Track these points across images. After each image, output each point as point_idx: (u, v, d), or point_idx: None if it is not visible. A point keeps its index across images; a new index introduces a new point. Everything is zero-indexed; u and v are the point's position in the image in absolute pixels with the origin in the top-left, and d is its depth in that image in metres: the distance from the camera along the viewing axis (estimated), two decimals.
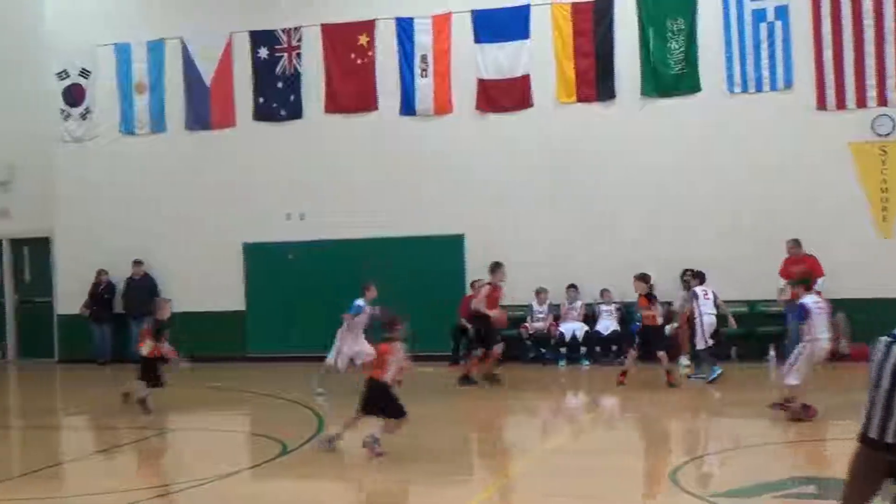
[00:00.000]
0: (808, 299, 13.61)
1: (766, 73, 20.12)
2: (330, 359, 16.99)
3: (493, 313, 17.88)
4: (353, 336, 17.06)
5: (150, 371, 15.48)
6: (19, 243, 25.01)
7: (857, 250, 19.31)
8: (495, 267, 18.11)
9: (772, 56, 20.09)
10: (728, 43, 20.27)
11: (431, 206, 21.65)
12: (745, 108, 20.16)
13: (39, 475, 11.77)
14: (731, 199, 20.12)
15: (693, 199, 20.33)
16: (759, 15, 20.13)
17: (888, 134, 19.45)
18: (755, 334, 19.68)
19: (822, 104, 19.81)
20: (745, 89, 20.24)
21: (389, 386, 11.75)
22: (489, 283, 18.14)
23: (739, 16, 20.22)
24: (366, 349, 16.44)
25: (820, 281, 18.04)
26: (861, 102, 19.59)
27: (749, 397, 15.72)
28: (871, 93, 19.54)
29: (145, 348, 15.62)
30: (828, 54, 19.71)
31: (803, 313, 13.40)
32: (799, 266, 18.43)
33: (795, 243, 19.08)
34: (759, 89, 20.18)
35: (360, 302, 17.18)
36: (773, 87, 20.12)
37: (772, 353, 19.37)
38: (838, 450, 12.38)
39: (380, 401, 11.68)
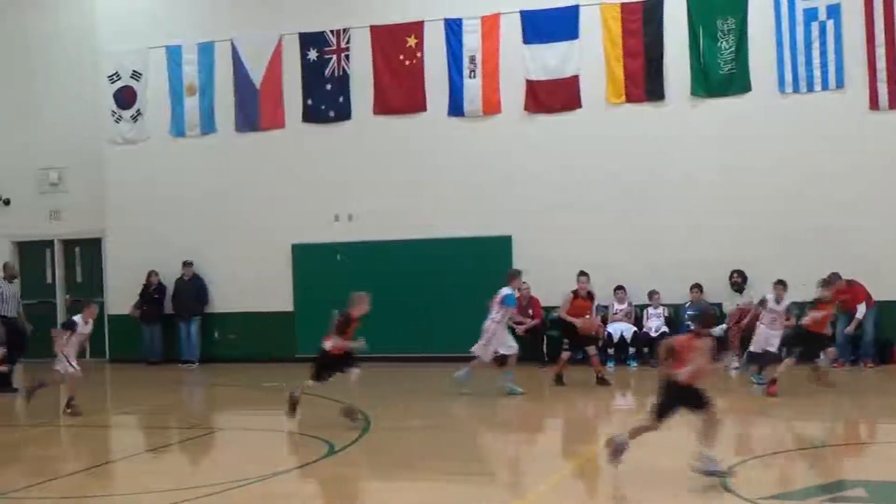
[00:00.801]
0: None
1: (817, 72, 19.93)
2: (476, 349, 16.72)
3: (579, 321, 17.60)
4: (502, 327, 16.79)
5: (325, 367, 14.53)
6: (71, 244, 25.34)
7: None
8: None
9: (823, 55, 19.89)
10: (779, 42, 20.10)
11: (479, 206, 21.64)
12: (796, 109, 19.99)
13: (91, 473, 11.90)
14: (781, 201, 19.95)
15: (743, 200, 20.18)
16: (811, 14, 19.93)
17: None
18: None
19: (874, 104, 19.58)
20: (796, 89, 20.06)
21: (688, 385, 10.18)
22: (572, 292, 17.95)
23: (791, 15, 20.04)
24: (510, 341, 16.68)
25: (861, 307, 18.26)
26: None
27: (800, 400, 15.57)
28: None
29: (330, 343, 14.59)
30: (880, 53, 19.50)
31: None
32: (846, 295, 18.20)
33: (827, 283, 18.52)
34: (810, 89, 20.00)
35: (507, 290, 16.81)
36: (825, 87, 19.92)
37: (822, 355, 19.13)
38: (889, 453, 12.27)
39: (681, 400, 10.29)
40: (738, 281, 19.87)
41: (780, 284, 16.88)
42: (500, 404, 16.70)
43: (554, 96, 21.48)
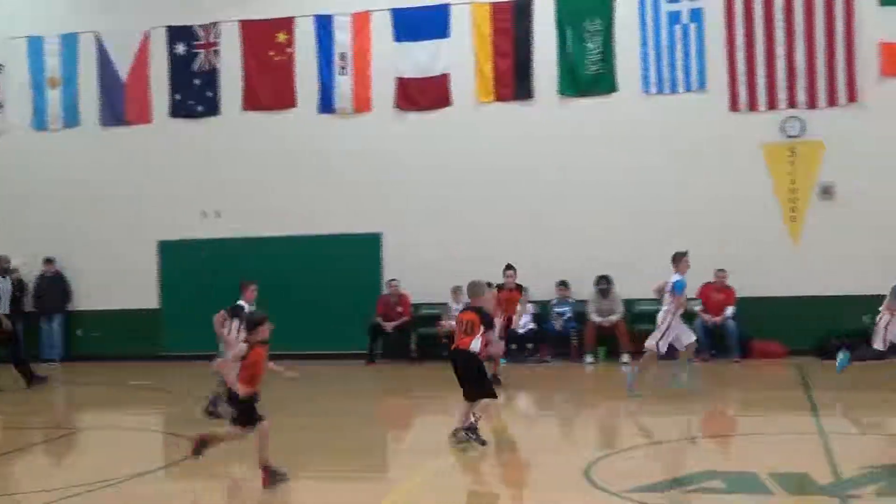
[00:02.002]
0: None
1: (680, 74, 20.41)
2: (651, 343, 15.73)
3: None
4: (677, 318, 15.79)
5: None
6: None
7: (767, 249, 19.66)
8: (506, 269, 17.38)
9: (686, 58, 20.38)
10: (643, 44, 20.52)
11: (349, 204, 21.61)
12: (659, 109, 20.44)
13: None
14: (646, 198, 20.36)
15: (609, 198, 20.53)
16: (674, 17, 20.40)
17: (797, 135, 19.84)
18: None
19: (734, 106, 20.14)
20: (659, 90, 20.50)
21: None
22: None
23: (655, 17, 20.48)
24: (687, 332, 15.76)
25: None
26: (772, 104, 19.96)
27: (660, 395, 15.90)
28: (782, 94, 19.92)
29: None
30: (740, 56, 20.07)
31: None
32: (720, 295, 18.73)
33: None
34: (673, 90, 20.46)
35: (677, 276, 15.59)
36: (688, 89, 20.41)
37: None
38: (746, 445, 12.63)
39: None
40: (604, 287, 20.18)
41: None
42: (379, 401, 16.71)
43: (424, 94, 21.57)
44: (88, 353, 22.47)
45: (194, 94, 22.56)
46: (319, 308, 21.31)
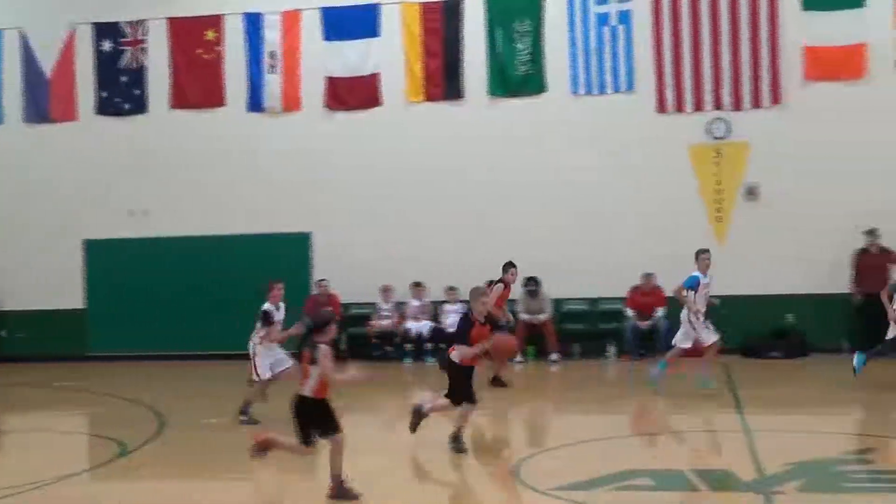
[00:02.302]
0: None
1: (608, 75, 20.59)
2: (677, 339, 15.54)
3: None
4: (699, 317, 15.56)
5: None
6: None
7: (693, 249, 19.81)
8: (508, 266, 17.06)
9: (614, 59, 20.57)
10: (572, 45, 20.66)
11: (278, 203, 21.50)
12: (588, 110, 20.59)
13: None
14: (575, 199, 20.51)
15: (538, 198, 20.65)
16: (603, 18, 20.57)
17: (723, 137, 20.12)
18: (596, 332, 20.17)
19: (661, 107, 20.37)
20: (588, 91, 20.67)
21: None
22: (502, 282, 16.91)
23: (584, 19, 20.63)
24: (709, 330, 15.46)
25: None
26: (698, 106, 20.23)
27: (590, 394, 16.05)
28: (708, 96, 20.19)
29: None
30: (667, 58, 20.30)
31: None
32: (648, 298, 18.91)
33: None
34: (601, 91, 20.64)
35: (696, 273, 15.43)
36: (616, 90, 20.60)
37: (611, 349, 19.87)
38: (672, 443, 12.80)
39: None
40: (532, 288, 20.29)
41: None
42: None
43: (354, 94, 21.53)
44: (13, 355, 22.09)
45: (121, 91, 22.30)
46: (248, 308, 21.09)
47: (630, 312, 19.88)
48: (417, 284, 20.84)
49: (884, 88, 19.65)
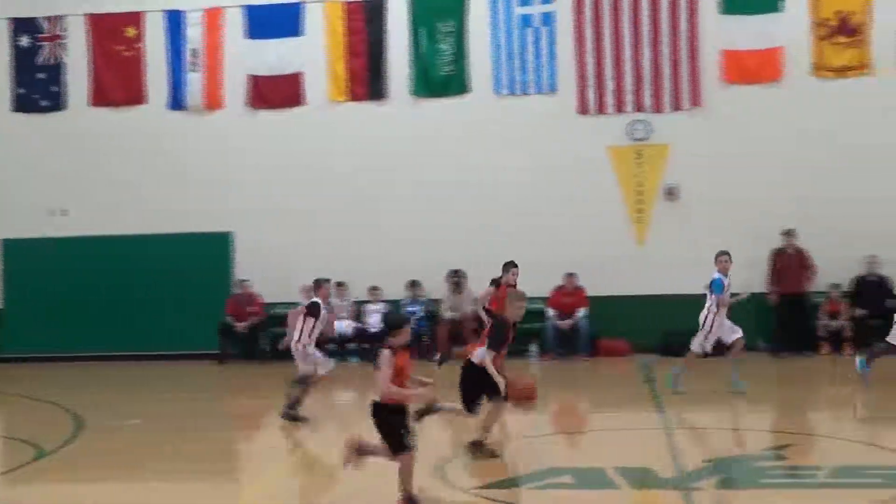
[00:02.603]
0: None
1: (531, 76, 20.72)
2: (695, 345, 15.31)
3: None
4: (720, 316, 15.25)
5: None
6: None
7: (614, 249, 20.11)
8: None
9: (537, 60, 20.71)
10: (495, 46, 20.76)
11: (200, 202, 21.31)
12: (511, 111, 20.70)
13: None
14: (498, 199, 20.60)
15: (460, 199, 20.71)
16: (526, 20, 20.70)
17: (643, 138, 20.36)
18: (518, 331, 20.20)
19: (583, 108, 20.54)
20: (511, 92, 20.78)
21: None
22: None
23: (507, 20, 20.74)
24: (732, 327, 15.21)
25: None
26: (619, 107, 20.44)
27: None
28: (629, 98, 20.42)
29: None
30: (589, 60, 20.48)
31: None
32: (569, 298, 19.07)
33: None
34: (524, 92, 20.76)
35: (716, 275, 15.33)
36: (539, 91, 20.74)
37: (533, 348, 19.98)
38: (593, 441, 12.92)
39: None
40: (456, 280, 20.36)
41: None
42: (228, 401, 16.53)
43: (277, 93, 21.42)
44: None
45: (39, 88, 21.96)
46: (169, 308, 21.01)
47: (551, 312, 20.02)
48: (340, 284, 20.77)
49: (800, 91, 20.03)
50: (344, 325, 20.56)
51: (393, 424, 9.03)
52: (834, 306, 19.44)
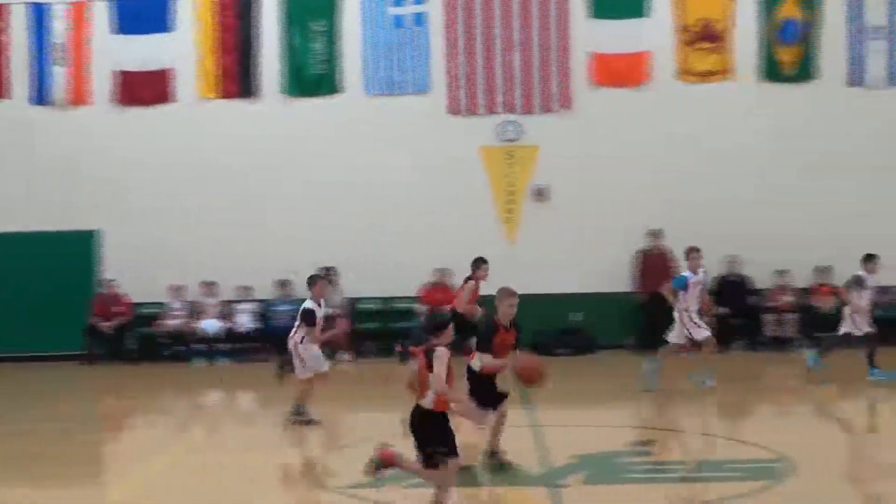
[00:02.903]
0: None
1: (403, 76, 20.77)
2: (672, 336, 15.28)
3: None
4: (688, 312, 15.19)
5: None
6: None
7: (484, 249, 20.20)
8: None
9: (409, 60, 20.76)
10: (368, 46, 20.75)
11: (65, 200, 20.83)
12: (383, 111, 20.72)
13: None
14: (371, 198, 20.60)
15: (334, 198, 20.64)
16: (398, 20, 20.73)
17: (514, 139, 20.59)
18: (390, 330, 20.32)
19: (454, 109, 20.68)
20: (383, 92, 20.80)
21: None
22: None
23: (379, 20, 20.74)
24: (700, 326, 15.13)
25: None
26: (490, 108, 20.63)
27: (382, 392, 16.15)
28: (500, 99, 20.62)
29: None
30: (461, 61, 20.62)
31: None
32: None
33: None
34: (397, 92, 20.80)
35: (686, 272, 15.27)
36: (411, 91, 20.79)
37: (403, 345, 20.03)
38: (461, 438, 13.00)
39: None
40: (328, 277, 20.31)
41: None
42: (94, 403, 16.21)
43: (146, 89, 21.06)
44: None
45: None
46: (32, 308, 20.48)
47: (423, 310, 20.06)
48: (209, 283, 20.54)
49: (665, 95, 20.49)
50: (212, 325, 20.29)
51: (439, 433, 8.47)
52: None
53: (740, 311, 20.00)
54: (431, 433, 8.44)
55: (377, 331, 20.47)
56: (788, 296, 19.96)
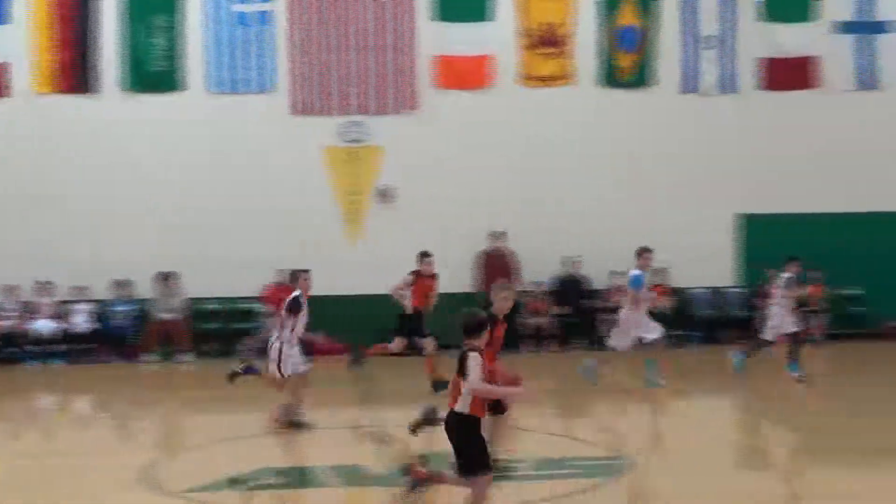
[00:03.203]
0: None
1: (247, 75, 20.58)
2: (612, 340, 15.34)
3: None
4: (638, 313, 15.06)
5: None
6: None
7: (328, 249, 20.24)
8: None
9: (252, 59, 20.57)
10: (211, 43, 20.48)
11: None
12: (227, 109, 20.50)
13: None
14: (212, 197, 20.33)
15: (171, 196, 20.31)
16: (242, 18, 20.51)
17: (357, 140, 20.62)
18: (231, 330, 20.14)
19: (298, 109, 20.58)
20: (227, 90, 20.56)
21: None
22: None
23: (223, 17, 20.49)
24: (652, 326, 14.98)
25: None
26: (335, 109, 20.60)
27: (224, 393, 15.98)
28: (345, 100, 20.62)
29: None
30: (306, 60, 20.53)
31: None
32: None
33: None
34: (240, 90, 20.58)
35: (635, 272, 15.12)
36: (255, 90, 20.61)
37: (248, 344, 19.89)
38: (306, 440, 12.98)
39: None
40: (166, 281, 20.01)
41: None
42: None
43: None
44: None
45: None
46: None
47: (264, 310, 19.90)
48: (43, 283, 19.98)
49: (508, 98, 20.78)
50: (46, 325, 19.72)
51: (476, 439, 7.98)
52: (537, 305, 20.30)
53: (579, 312, 20.45)
54: (467, 439, 7.96)
55: (218, 331, 20.23)
56: (625, 296, 20.43)
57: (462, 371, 7.81)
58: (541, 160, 20.79)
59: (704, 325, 20.70)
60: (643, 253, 15.45)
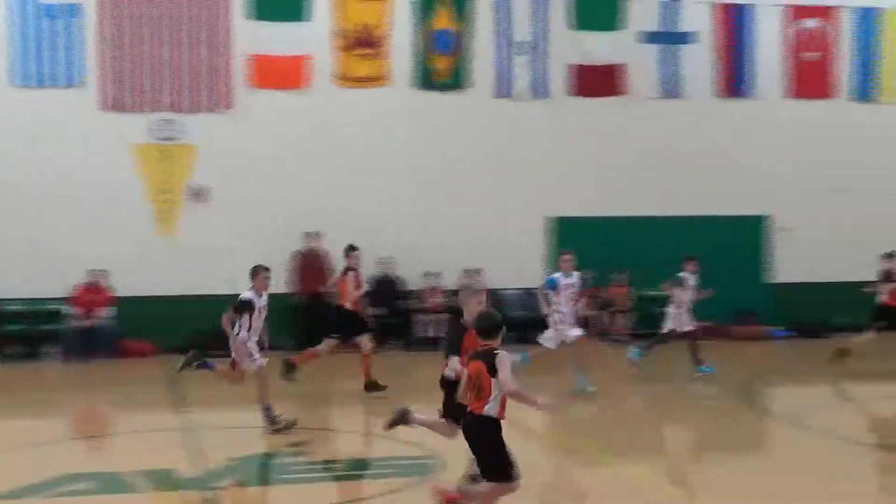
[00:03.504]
0: None
1: (54, 69, 19.97)
2: (543, 338, 15.38)
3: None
4: (559, 315, 15.24)
5: None
6: None
7: (139, 249, 19.86)
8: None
9: (60, 52, 19.98)
10: (14, 36, 19.79)
11: None
12: (33, 103, 19.83)
13: None
14: (14, 195, 19.65)
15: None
16: (49, 10, 19.88)
17: (170, 138, 20.28)
18: (36, 332, 19.56)
19: (107, 105, 20.09)
20: (33, 84, 19.92)
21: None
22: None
23: (30, 10, 19.82)
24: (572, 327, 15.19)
25: None
26: (147, 105, 20.20)
27: (24, 398, 15.54)
28: (157, 97, 20.23)
29: None
30: (117, 56, 20.05)
31: None
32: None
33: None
34: (46, 85, 19.97)
35: (556, 275, 15.38)
36: (62, 84, 20.02)
37: (51, 350, 19.35)
38: (113, 444, 12.72)
39: None
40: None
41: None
42: None
43: None
44: None
45: None
46: None
47: (73, 311, 19.42)
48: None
49: (324, 98, 20.76)
50: None
51: (501, 443, 7.80)
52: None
53: (393, 312, 20.58)
54: (492, 443, 7.82)
55: (22, 333, 19.54)
56: (439, 297, 20.68)
57: (494, 371, 7.60)
58: (356, 161, 20.83)
59: (517, 326, 21.05)
60: (563, 256, 15.76)
